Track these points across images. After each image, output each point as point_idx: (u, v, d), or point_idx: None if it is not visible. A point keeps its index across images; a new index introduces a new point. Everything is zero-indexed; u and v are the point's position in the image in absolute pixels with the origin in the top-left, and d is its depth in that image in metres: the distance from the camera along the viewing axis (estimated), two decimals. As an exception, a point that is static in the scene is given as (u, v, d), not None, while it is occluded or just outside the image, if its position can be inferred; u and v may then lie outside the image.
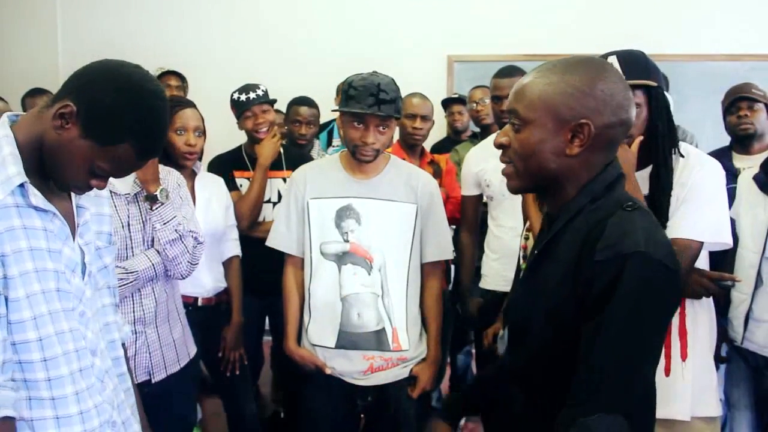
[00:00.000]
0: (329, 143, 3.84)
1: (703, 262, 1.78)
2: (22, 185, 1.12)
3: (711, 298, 1.76)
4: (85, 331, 1.23)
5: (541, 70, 1.15)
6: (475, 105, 3.47)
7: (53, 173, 1.16)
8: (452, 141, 3.82)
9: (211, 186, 2.44)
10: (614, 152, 1.15)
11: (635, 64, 1.66)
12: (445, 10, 4.57)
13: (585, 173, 1.13)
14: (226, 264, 2.50)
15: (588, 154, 1.11)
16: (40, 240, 1.14)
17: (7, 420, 1.09)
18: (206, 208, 2.36)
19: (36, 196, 1.14)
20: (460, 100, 3.85)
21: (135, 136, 1.12)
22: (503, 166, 1.21)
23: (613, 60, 1.68)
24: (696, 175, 1.64)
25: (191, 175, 2.36)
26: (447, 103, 3.93)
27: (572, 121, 1.09)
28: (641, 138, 1.66)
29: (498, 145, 1.18)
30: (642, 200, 1.64)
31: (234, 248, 2.53)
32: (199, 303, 2.39)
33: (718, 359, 2.16)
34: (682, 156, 1.68)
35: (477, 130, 3.59)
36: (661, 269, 1.02)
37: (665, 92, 1.69)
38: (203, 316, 2.38)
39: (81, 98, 1.11)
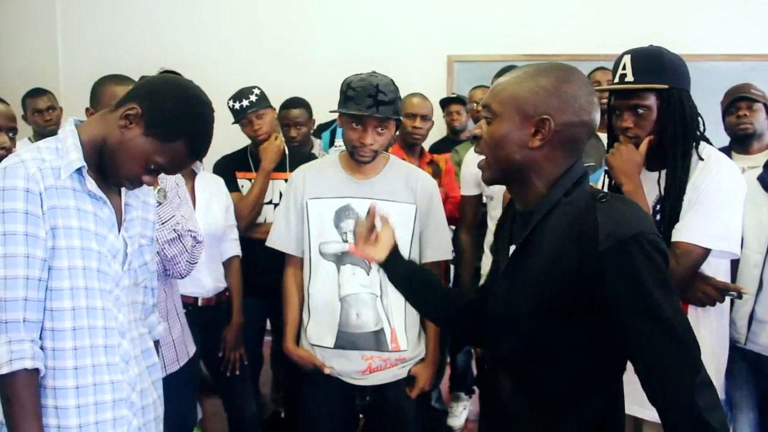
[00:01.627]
0: (332, 143, 3.82)
1: (723, 271, 1.73)
2: (80, 172, 1.30)
3: (728, 308, 1.72)
4: (116, 314, 1.37)
5: (516, 71, 1.26)
6: (475, 105, 3.47)
7: (111, 168, 1.33)
8: (451, 141, 3.82)
9: (211, 186, 2.45)
10: (578, 151, 1.24)
11: (647, 64, 1.63)
12: (445, 10, 4.56)
13: (548, 167, 1.21)
14: (226, 264, 2.50)
15: (550, 149, 1.20)
16: (90, 223, 1.31)
17: (27, 372, 1.21)
18: (206, 209, 2.37)
19: (91, 183, 1.31)
20: (459, 100, 3.84)
21: (189, 135, 1.32)
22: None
23: (626, 59, 1.66)
24: (710, 179, 1.61)
25: (191, 175, 2.36)
26: (445, 103, 3.93)
27: (535, 116, 1.19)
28: (650, 138, 1.64)
29: (473, 137, 1.30)
30: (644, 200, 1.64)
31: (234, 248, 2.53)
32: (200, 303, 2.39)
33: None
34: (702, 159, 1.65)
35: None
36: (656, 242, 1.12)
37: (684, 91, 1.64)
38: (203, 316, 2.38)
39: (145, 103, 1.30)
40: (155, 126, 1.29)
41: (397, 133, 2.37)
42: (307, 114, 3.24)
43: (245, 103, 2.76)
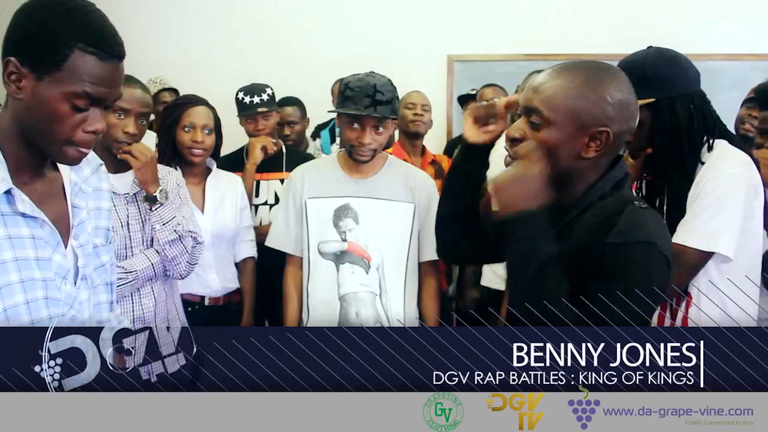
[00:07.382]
0: (333, 140, 3.80)
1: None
2: (8, 192, 1.07)
3: None
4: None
5: (562, 71, 1.19)
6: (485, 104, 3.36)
7: (46, 146, 1.08)
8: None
9: (224, 186, 2.40)
10: (617, 153, 1.23)
11: (630, 78, 1.59)
12: (445, 9, 4.57)
13: (593, 173, 1.21)
14: (240, 265, 2.45)
15: (598, 158, 1.19)
16: (27, 249, 1.11)
17: None
18: (216, 209, 2.34)
19: (24, 202, 1.09)
20: (475, 98, 3.81)
21: (76, 36, 1.02)
22: (502, 167, 1.25)
23: None
24: (707, 178, 1.56)
25: (204, 173, 2.36)
26: (463, 101, 3.90)
27: (592, 127, 1.15)
28: (647, 151, 1.61)
29: (511, 139, 1.21)
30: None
31: (249, 249, 2.47)
32: (206, 302, 2.36)
33: None
34: (703, 163, 1.59)
35: None
36: (663, 262, 1.13)
37: (680, 98, 1.58)
38: (209, 315, 2.34)
39: (12, 49, 1.03)
40: (38, 60, 1.01)
41: (397, 133, 2.37)
42: (300, 112, 3.21)
43: (256, 99, 2.73)
